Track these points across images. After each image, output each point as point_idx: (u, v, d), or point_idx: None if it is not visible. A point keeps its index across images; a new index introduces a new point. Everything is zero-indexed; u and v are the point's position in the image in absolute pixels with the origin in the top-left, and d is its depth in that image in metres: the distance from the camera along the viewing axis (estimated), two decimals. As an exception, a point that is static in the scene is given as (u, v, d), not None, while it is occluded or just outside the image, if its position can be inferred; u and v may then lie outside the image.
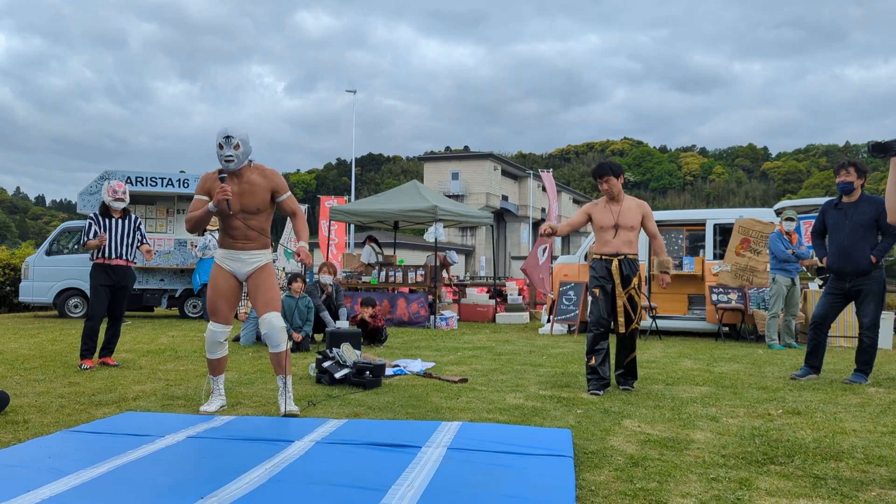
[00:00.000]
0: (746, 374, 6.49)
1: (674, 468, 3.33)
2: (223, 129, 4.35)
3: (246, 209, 4.48)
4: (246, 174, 4.49)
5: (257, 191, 4.48)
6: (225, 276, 4.55)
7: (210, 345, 4.61)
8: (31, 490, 2.74)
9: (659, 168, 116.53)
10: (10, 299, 15.63)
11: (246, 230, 4.52)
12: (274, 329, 4.47)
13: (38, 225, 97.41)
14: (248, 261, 4.56)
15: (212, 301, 4.55)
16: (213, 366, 4.67)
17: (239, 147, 4.35)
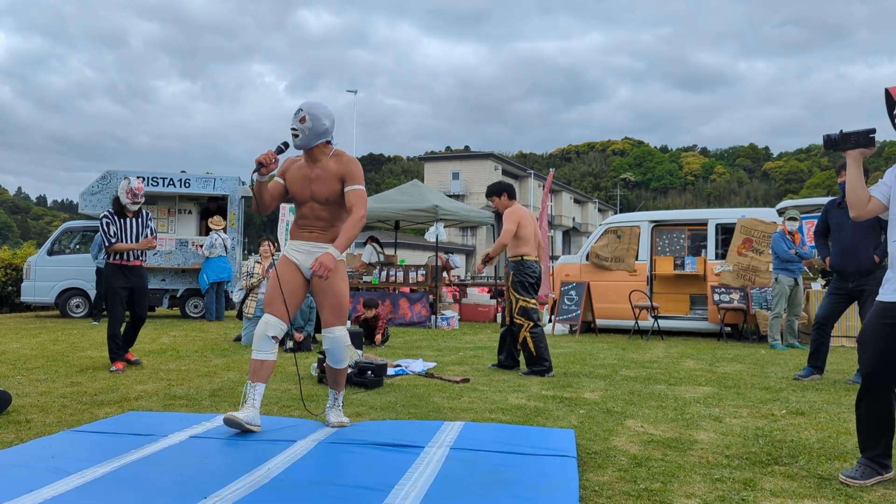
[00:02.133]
0: (749, 375, 6.48)
1: (677, 468, 3.32)
2: (300, 104, 4.05)
3: (316, 198, 4.02)
4: (323, 159, 4.02)
5: (327, 178, 3.99)
6: (289, 267, 4.07)
7: (257, 340, 3.93)
8: (34, 490, 2.74)
9: (660, 168, 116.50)
10: (11, 299, 15.63)
11: (314, 220, 4.08)
12: (340, 346, 4.07)
13: (39, 225, 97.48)
14: (314, 253, 4.04)
15: (269, 292, 4.03)
16: (255, 368, 3.92)
17: (305, 121, 3.91)
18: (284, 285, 4.02)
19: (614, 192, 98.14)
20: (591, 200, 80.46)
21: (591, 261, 11.32)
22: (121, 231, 6.51)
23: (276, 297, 3.99)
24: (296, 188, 4.03)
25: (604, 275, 11.16)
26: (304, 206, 4.07)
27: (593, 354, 8.04)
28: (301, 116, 3.92)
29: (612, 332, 11.17)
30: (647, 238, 11.05)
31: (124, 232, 6.53)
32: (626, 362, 7.35)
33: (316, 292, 4.06)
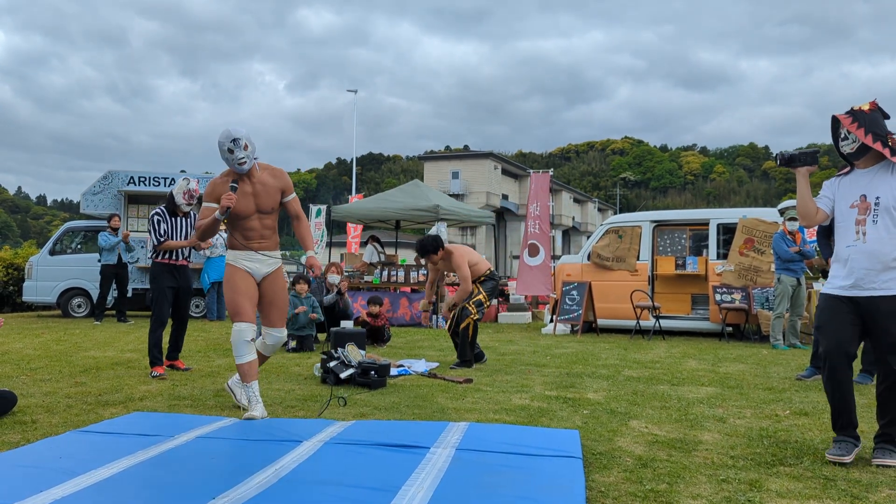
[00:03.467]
0: (752, 375, 6.49)
1: (683, 469, 3.34)
2: (227, 134, 4.34)
3: (262, 210, 4.51)
4: (256, 174, 4.50)
5: (270, 191, 4.51)
6: (243, 275, 4.48)
7: (239, 346, 4.40)
8: (43, 490, 2.75)
9: (659, 167, 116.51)
10: (13, 299, 15.63)
11: (262, 230, 4.53)
12: (279, 342, 4.69)
13: (39, 224, 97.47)
14: (265, 261, 4.57)
15: (233, 301, 4.43)
16: (245, 371, 4.42)
17: (248, 147, 4.36)
18: (244, 293, 4.46)
19: (614, 192, 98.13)
20: (591, 200, 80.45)
21: (592, 261, 11.33)
22: (171, 230, 6.41)
23: (241, 305, 4.42)
24: (239, 205, 4.42)
25: (605, 275, 11.17)
26: (249, 220, 4.49)
27: (595, 354, 8.06)
28: (243, 144, 4.34)
29: (614, 332, 11.18)
30: (648, 238, 11.06)
31: (175, 231, 6.42)
32: (628, 362, 7.37)
33: (265, 296, 4.59)
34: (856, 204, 3.59)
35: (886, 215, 3.50)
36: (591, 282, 10.95)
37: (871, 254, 3.50)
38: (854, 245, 3.56)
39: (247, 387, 4.43)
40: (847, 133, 3.60)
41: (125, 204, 13.40)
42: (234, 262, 4.52)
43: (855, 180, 3.64)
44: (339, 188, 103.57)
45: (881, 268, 3.48)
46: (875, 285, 3.49)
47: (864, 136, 3.50)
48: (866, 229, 3.54)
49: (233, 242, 4.55)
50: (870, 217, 3.53)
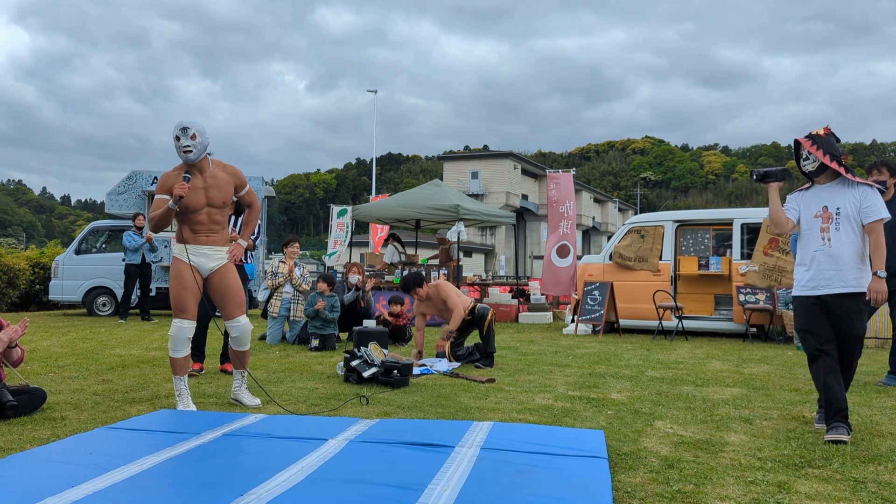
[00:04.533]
0: (777, 376, 6.43)
1: (710, 470, 3.31)
2: (179, 122, 4.44)
3: (212, 203, 4.55)
4: (208, 169, 4.56)
5: (221, 185, 4.56)
6: (189, 270, 4.54)
7: (178, 342, 4.53)
8: (75, 486, 2.79)
9: (680, 167, 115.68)
10: (39, 297, 15.87)
11: (210, 224, 4.59)
12: (246, 332, 4.73)
13: (63, 224, 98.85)
14: (212, 256, 4.61)
15: (179, 297, 4.51)
16: (179, 365, 4.59)
17: (196, 137, 4.41)
18: (190, 289, 4.53)
19: (634, 192, 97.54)
20: (612, 200, 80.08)
21: (614, 260, 11.27)
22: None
23: (186, 302, 4.51)
24: (189, 199, 4.46)
25: (627, 275, 11.11)
26: (198, 213, 4.53)
27: (618, 355, 8.02)
28: (191, 134, 4.40)
29: (636, 333, 11.12)
30: (671, 238, 10.98)
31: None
32: (651, 363, 7.32)
33: (217, 290, 4.64)
34: (819, 214, 4.17)
35: (847, 224, 4.08)
36: (613, 282, 10.90)
37: (835, 256, 4.07)
38: (820, 249, 4.12)
39: (178, 379, 4.60)
40: (808, 154, 4.16)
41: (149, 204, 13.55)
42: (179, 255, 4.57)
43: (816, 194, 4.21)
44: (359, 188, 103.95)
45: (844, 269, 4.05)
46: (839, 284, 4.04)
47: (822, 157, 4.08)
48: (830, 236, 4.11)
49: (181, 236, 4.60)
50: (832, 225, 4.11)
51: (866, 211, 4.06)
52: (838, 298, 4.04)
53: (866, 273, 4.07)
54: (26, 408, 4.39)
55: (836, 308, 4.04)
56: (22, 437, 3.86)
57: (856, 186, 4.12)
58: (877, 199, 4.06)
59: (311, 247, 65.91)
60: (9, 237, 55.97)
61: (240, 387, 4.82)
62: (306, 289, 9.12)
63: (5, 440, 3.78)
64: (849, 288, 4.02)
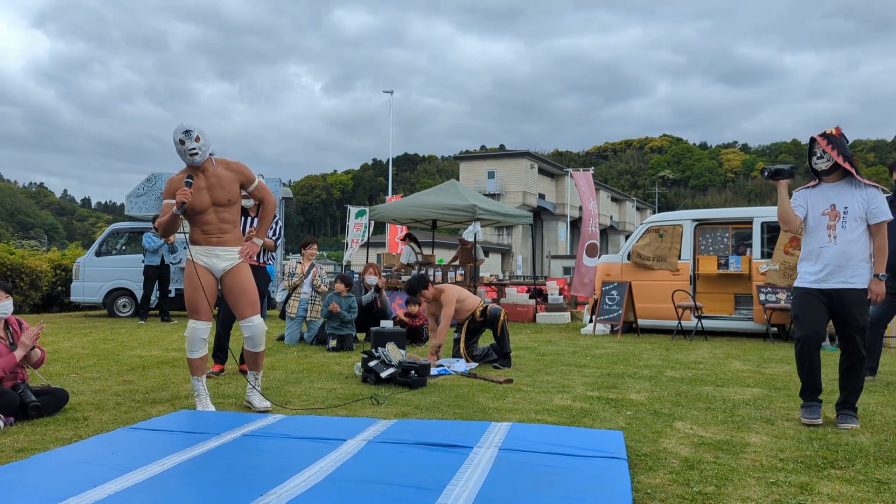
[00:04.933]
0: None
1: (731, 472, 3.28)
2: (180, 126, 4.41)
3: (217, 202, 4.52)
4: (211, 168, 4.53)
5: (225, 183, 4.52)
6: (202, 272, 4.54)
7: (194, 343, 4.55)
8: (97, 485, 2.82)
9: (699, 165, 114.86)
10: (61, 299, 16.05)
11: (220, 224, 4.56)
12: (259, 333, 4.70)
13: (84, 226, 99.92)
14: (224, 256, 4.58)
15: (192, 299, 4.52)
16: (196, 365, 4.62)
17: (199, 139, 4.39)
18: (202, 291, 4.53)
19: (652, 191, 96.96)
20: (629, 199, 79.66)
21: (632, 260, 11.20)
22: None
23: (200, 304, 4.53)
24: (195, 200, 4.44)
25: (646, 274, 11.04)
26: (205, 214, 4.51)
27: (637, 355, 7.97)
28: (195, 136, 4.38)
29: (655, 333, 11.05)
30: (689, 237, 10.90)
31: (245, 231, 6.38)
32: (670, 363, 7.27)
33: (230, 290, 4.62)
34: (826, 212, 4.33)
35: (853, 222, 4.24)
36: (632, 281, 10.84)
37: (841, 253, 4.23)
38: (826, 246, 4.28)
39: (196, 379, 4.63)
40: (822, 153, 4.29)
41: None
42: (192, 257, 4.58)
43: (823, 192, 4.36)
44: (375, 189, 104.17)
45: (849, 265, 4.22)
46: (844, 279, 4.22)
47: (836, 157, 4.22)
48: (836, 233, 4.27)
49: (192, 238, 4.60)
50: (839, 223, 4.27)
51: (874, 212, 4.24)
52: (842, 293, 4.23)
53: (869, 270, 4.25)
54: (49, 408, 4.44)
55: (841, 301, 4.23)
56: (45, 437, 3.90)
57: (863, 188, 4.28)
58: (883, 201, 4.26)
59: (329, 247, 66.18)
60: (31, 239, 56.69)
61: (252, 389, 4.81)
62: (324, 290, 9.15)
63: (29, 440, 3.82)
64: (852, 283, 4.22)
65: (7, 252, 14.82)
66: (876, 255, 4.27)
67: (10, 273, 14.14)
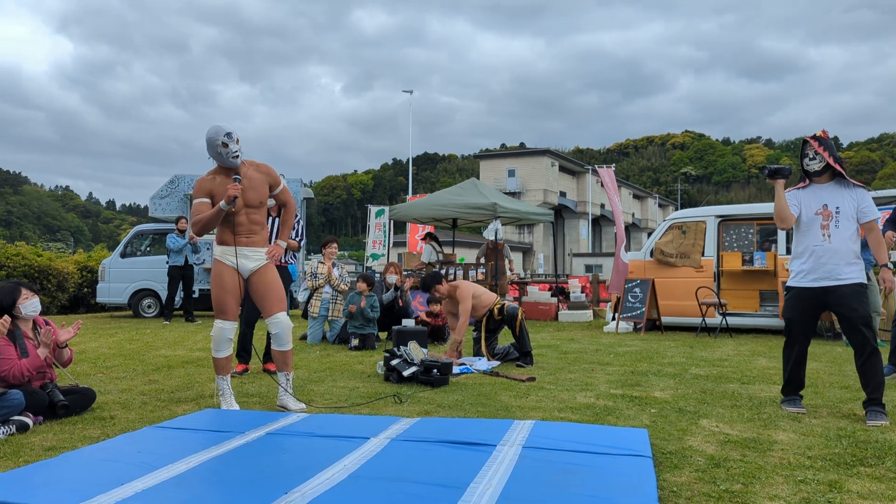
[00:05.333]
0: (826, 373, 6.27)
1: (758, 469, 3.24)
2: (220, 129, 4.44)
3: (249, 203, 4.58)
4: (242, 170, 4.59)
5: (256, 185, 4.59)
6: (230, 272, 4.58)
7: (220, 343, 4.59)
8: (124, 483, 2.85)
9: (722, 161, 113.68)
10: (87, 300, 16.27)
11: (250, 225, 4.61)
12: (286, 329, 4.70)
13: (109, 228, 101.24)
14: (252, 257, 4.63)
15: (220, 299, 4.56)
16: (222, 365, 4.66)
17: (238, 142, 4.49)
18: (230, 291, 4.56)
19: (675, 187, 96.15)
20: (651, 196, 79.07)
21: (655, 257, 11.12)
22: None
23: (227, 303, 4.57)
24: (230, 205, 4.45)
25: (669, 271, 10.95)
26: (237, 215, 4.56)
27: (660, 353, 7.91)
28: (236, 139, 4.48)
29: (679, 330, 10.96)
30: (713, 233, 10.79)
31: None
32: (695, 360, 7.21)
33: (256, 289, 4.64)
34: (819, 211, 4.50)
35: (846, 221, 4.42)
36: (655, 279, 10.76)
37: (835, 251, 4.41)
38: (821, 245, 4.45)
39: (221, 378, 4.67)
40: (815, 154, 4.48)
41: (191, 207, 13.77)
42: (221, 257, 4.61)
43: (815, 192, 4.55)
44: (396, 188, 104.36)
45: (844, 262, 4.39)
46: (839, 276, 4.40)
47: (828, 158, 4.43)
48: (830, 232, 4.44)
49: (221, 238, 4.62)
50: (832, 222, 4.45)
51: (864, 211, 4.44)
52: (837, 289, 4.40)
53: (861, 265, 4.45)
54: (77, 407, 4.51)
55: (837, 297, 4.40)
56: (73, 435, 3.96)
57: (852, 188, 4.50)
58: (871, 200, 4.49)
59: (349, 247, 66.45)
60: (57, 242, 57.55)
61: (284, 391, 4.74)
62: (345, 289, 9.18)
63: (58, 439, 3.88)
64: (846, 280, 4.39)
65: (35, 254, 15.05)
66: (876, 248, 4.46)
67: (37, 275, 14.36)
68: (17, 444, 3.75)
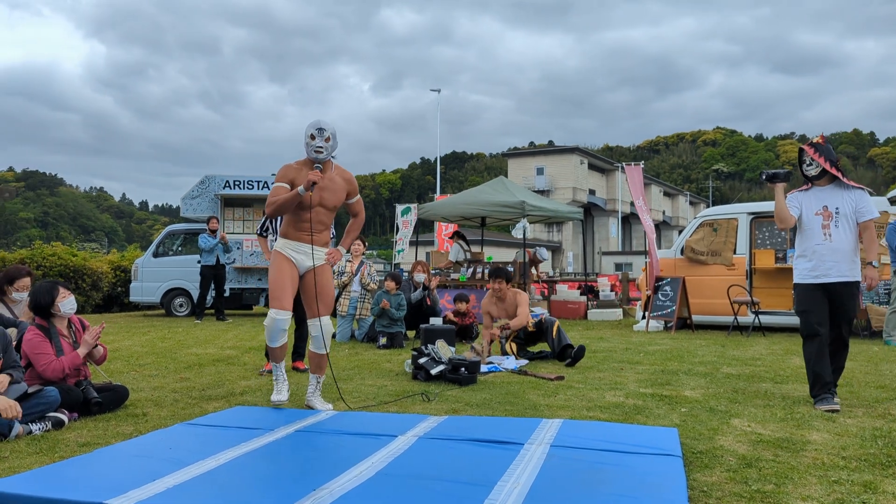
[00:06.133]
0: (862, 373, 6.14)
1: (790, 470, 3.19)
2: (316, 122, 4.47)
3: (324, 204, 4.57)
4: (329, 171, 4.60)
5: (337, 189, 4.61)
6: (290, 265, 4.55)
7: (274, 333, 4.53)
8: (156, 479, 2.89)
9: (755, 157, 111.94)
10: (121, 299, 16.56)
11: (316, 224, 4.59)
12: (327, 333, 4.67)
13: (142, 229, 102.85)
14: (312, 255, 4.62)
15: (278, 288, 4.49)
16: (277, 354, 4.66)
17: (329, 140, 4.48)
18: (288, 281, 4.52)
19: (706, 185, 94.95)
20: (682, 193, 78.18)
21: (686, 255, 10.99)
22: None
23: (284, 293, 4.48)
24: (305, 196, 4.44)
25: (700, 269, 10.82)
26: (306, 212, 4.52)
27: (691, 351, 7.81)
28: (326, 136, 4.47)
29: (710, 329, 10.82)
30: (745, 231, 10.63)
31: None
32: (726, 359, 7.11)
33: (309, 288, 4.62)
34: (819, 212, 4.74)
35: (845, 221, 4.68)
36: (685, 277, 10.63)
37: (835, 250, 4.65)
38: (822, 244, 4.69)
39: (276, 366, 4.67)
40: (811, 160, 4.75)
41: (221, 207, 13.95)
42: (282, 249, 4.57)
43: (815, 194, 4.80)
44: (424, 188, 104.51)
45: (843, 260, 4.63)
46: (840, 273, 4.63)
47: (824, 163, 4.69)
48: (830, 232, 4.68)
49: (285, 231, 4.61)
50: (832, 222, 4.70)
51: (861, 211, 4.68)
52: (837, 286, 4.64)
53: (859, 264, 4.70)
54: (110, 404, 4.59)
55: (836, 293, 4.65)
56: (107, 432, 4.03)
57: (850, 189, 4.76)
58: (869, 201, 4.73)
59: (378, 246, 66.74)
60: (92, 242, 58.64)
61: (314, 392, 4.72)
62: (374, 288, 9.22)
63: (92, 435, 3.95)
64: (846, 277, 4.63)
65: (70, 254, 15.36)
66: (867, 246, 4.69)
67: (72, 275, 14.65)
68: (52, 440, 3.82)
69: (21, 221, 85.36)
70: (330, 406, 4.72)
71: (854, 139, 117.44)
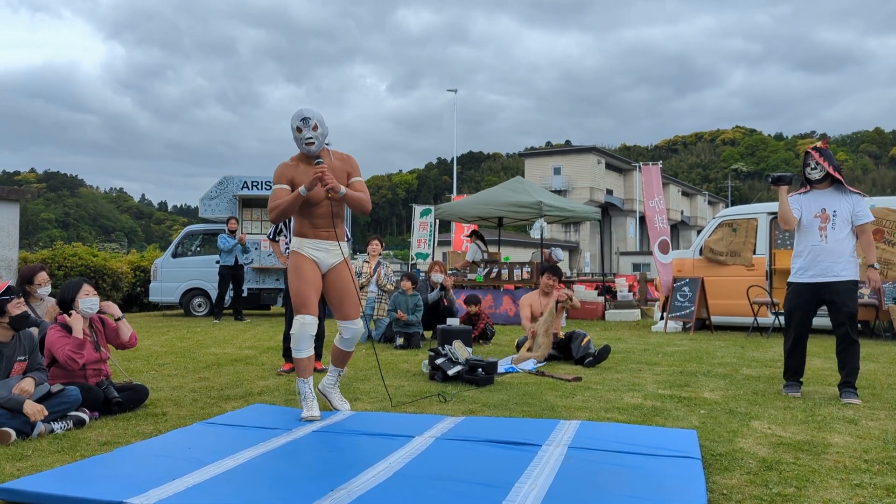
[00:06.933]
0: (884, 375, 6.07)
1: (812, 473, 3.15)
2: (299, 112, 4.23)
3: (334, 196, 4.27)
4: (327, 160, 4.33)
5: (339, 175, 4.33)
6: (311, 265, 4.31)
7: (301, 340, 4.23)
8: (176, 478, 2.92)
9: (774, 157, 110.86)
10: (140, 299, 16.71)
11: (331, 218, 4.34)
12: (358, 335, 4.56)
13: (161, 229, 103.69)
14: (332, 251, 4.39)
15: (302, 292, 4.23)
16: (304, 366, 4.29)
17: (317, 128, 4.22)
18: (311, 283, 4.29)
19: (725, 184, 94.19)
20: (701, 193, 77.59)
21: (704, 255, 10.91)
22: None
23: (309, 297, 4.25)
24: (311, 193, 4.22)
25: (719, 270, 10.74)
26: (319, 206, 4.29)
27: (710, 353, 7.75)
28: (313, 125, 4.21)
29: (729, 330, 10.73)
30: (765, 231, 10.54)
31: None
32: (746, 361, 7.05)
33: (334, 288, 4.41)
34: (818, 214, 4.96)
35: (842, 224, 4.89)
36: (704, 277, 10.55)
37: (832, 251, 4.87)
38: (818, 244, 4.91)
39: (303, 382, 4.29)
40: (816, 164, 4.97)
41: (240, 207, 14.03)
42: (299, 249, 4.34)
43: (815, 197, 5.01)
44: (440, 188, 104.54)
45: (838, 260, 4.85)
46: (836, 273, 4.85)
47: (828, 167, 4.91)
48: (827, 233, 4.89)
49: (300, 230, 4.36)
50: (829, 224, 4.91)
51: (858, 214, 4.90)
52: (833, 284, 4.85)
53: (854, 264, 4.88)
54: (130, 403, 4.63)
55: (832, 292, 4.85)
56: (127, 431, 4.07)
57: (849, 194, 4.95)
58: (865, 205, 4.93)
59: (395, 246, 66.84)
60: (112, 242, 59.24)
61: (333, 384, 4.62)
62: (390, 288, 9.24)
63: (112, 434, 3.99)
64: (842, 276, 4.84)
65: (90, 254, 15.51)
66: (866, 249, 4.90)
67: (93, 274, 14.79)
68: (73, 439, 3.87)
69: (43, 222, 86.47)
70: (347, 405, 4.72)
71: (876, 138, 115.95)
